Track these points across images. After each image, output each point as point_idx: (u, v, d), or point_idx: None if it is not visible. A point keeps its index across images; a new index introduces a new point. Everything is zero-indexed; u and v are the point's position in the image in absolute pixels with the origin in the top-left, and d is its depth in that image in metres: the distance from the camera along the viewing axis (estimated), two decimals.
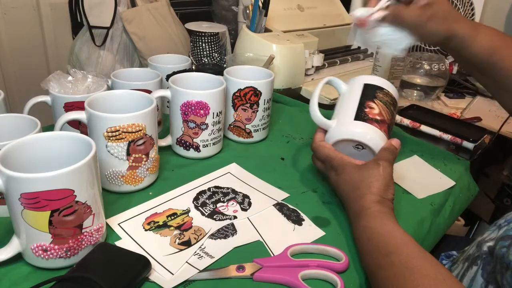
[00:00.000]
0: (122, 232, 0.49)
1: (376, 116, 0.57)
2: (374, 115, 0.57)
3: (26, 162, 0.43)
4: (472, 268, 0.47)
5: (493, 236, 0.46)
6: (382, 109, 0.58)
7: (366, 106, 0.58)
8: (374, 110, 0.58)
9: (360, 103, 0.58)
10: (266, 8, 0.96)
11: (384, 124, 0.57)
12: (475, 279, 0.45)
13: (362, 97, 0.59)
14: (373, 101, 0.58)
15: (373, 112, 0.57)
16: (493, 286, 0.43)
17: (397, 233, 0.45)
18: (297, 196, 0.58)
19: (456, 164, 0.69)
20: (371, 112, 0.57)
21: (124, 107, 0.55)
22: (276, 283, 0.43)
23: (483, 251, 0.46)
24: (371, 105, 0.58)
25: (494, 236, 0.45)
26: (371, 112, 0.57)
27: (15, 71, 1.00)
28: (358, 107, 0.58)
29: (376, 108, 0.58)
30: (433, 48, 1.29)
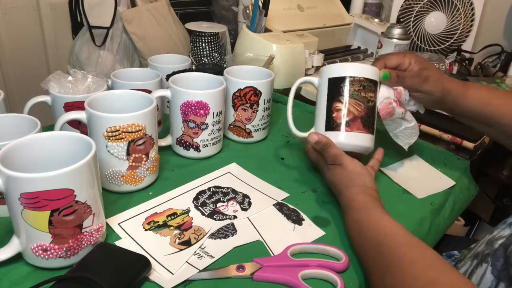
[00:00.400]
0: (122, 232, 0.49)
1: (345, 118, 0.57)
2: (342, 118, 0.57)
3: (26, 162, 0.43)
4: (482, 265, 0.47)
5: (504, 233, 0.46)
6: (350, 106, 0.56)
7: (334, 110, 0.57)
8: (341, 112, 0.57)
9: (328, 108, 0.58)
10: (266, 8, 0.96)
11: (356, 121, 0.56)
12: (485, 277, 0.46)
13: (329, 98, 0.58)
14: (339, 101, 0.57)
15: (342, 115, 0.57)
16: (504, 283, 0.43)
17: (385, 222, 0.46)
18: (297, 196, 0.58)
19: (456, 164, 0.69)
20: (338, 116, 0.57)
21: (124, 107, 0.55)
22: (276, 283, 0.43)
23: (494, 248, 0.46)
24: (337, 106, 0.57)
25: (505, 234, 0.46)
26: (338, 116, 0.57)
27: (15, 71, 1.00)
28: (326, 114, 0.58)
29: (343, 109, 0.57)
30: (433, 48, 1.29)
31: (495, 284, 0.44)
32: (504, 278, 0.43)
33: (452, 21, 1.27)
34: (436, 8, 1.27)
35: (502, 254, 0.44)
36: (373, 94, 0.58)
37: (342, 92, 0.57)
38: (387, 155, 0.69)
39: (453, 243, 0.71)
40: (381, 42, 0.94)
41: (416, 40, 1.29)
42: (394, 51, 0.92)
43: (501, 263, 0.44)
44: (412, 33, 1.28)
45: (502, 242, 0.45)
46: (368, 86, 0.58)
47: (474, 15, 1.27)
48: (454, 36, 1.27)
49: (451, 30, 1.27)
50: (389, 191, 0.61)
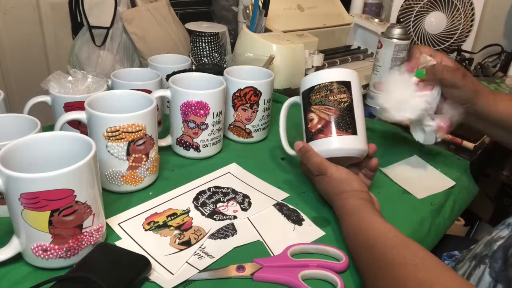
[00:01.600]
0: (122, 232, 0.49)
1: (318, 126, 0.56)
2: (315, 127, 0.57)
3: (26, 162, 0.43)
4: (480, 267, 0.47)
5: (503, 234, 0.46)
6: (321, 112, 0.56)
7: (308, 121, 0.58)
8: (313, 121, 0.57)
9: (304, 121, 0.59)
10: (266, 8, 0.96)
11: (328, 125, 0.56)
12: (483, 278, 0.45)
13: (303, 111, 0.59)
14: (310, 111, 0.57)
15: (314, 124, 0.57)
16: (502, 284, 0.43)
17: (376, 225, 0.46)
18: (297, 196, 0.58)
19: (456, 164, 0.69)
20: (312, 126, 0.57)
21: (124, 107, 0.55)
22: (276, 283, 0.43)
23: (493, 250, 0.46)
24: (310, 116, 0.57)
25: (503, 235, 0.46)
26: (312, 126, 0.57)
27: (15, 71, 1.00)
28: (304, 127, 0.59)
29: (315, 118, 0.57)
30: (433, 48, 1.29)
31: (493, 285, 0.44)
32: (502, 279, 0.43)
33: (452, 21, 1.27)
34: (436, 8, 1.27)
35: (501, 256, 0.44)
36: (345, 95, 0.57)
37: (312, 101, 0.58)
38: (387, 155, 0.69)
39: (453, 243, 0.71)
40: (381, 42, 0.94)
41: (416, 40, 1.29)
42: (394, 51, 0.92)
43: (499, 265, 0.44)
44: (412, 33, 1.28)
45: (500, 244, 0.45)
46: (337, 89, 0.57)
47: (474, 15, 1.27)
48: (454, 36, 1.27)
49: (451, 30, 1.27)
50: (389, 191, 0.61)
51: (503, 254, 0.44)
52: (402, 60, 0.98)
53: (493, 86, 1.06)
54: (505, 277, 0.43)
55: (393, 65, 0.97)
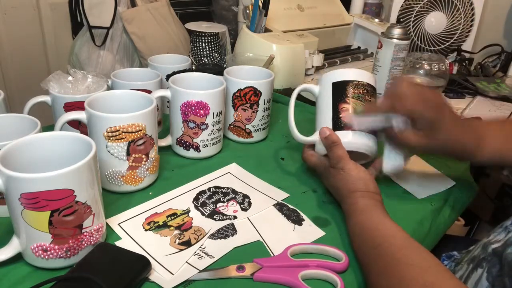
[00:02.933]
0: (122, 232, 0.49)
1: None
2: (349, 118, 0.57)
3: (26, 162, 0.43)
4: (477, 270, 0.47)
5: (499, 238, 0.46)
6: (357, 106, 0.57)
7: (340, 111, 0.57)
8: (348, 112, 0.57)
9: (334, 109, 0.58)
10: (266, 8, 0.96)
11: None
12: (480, 282, 0.45)
13: (334, 100, 0.58)
14: (345, 102, 0.57)
15: (348, 115, 0.57)
16: None
17: (385, 225, 0.46)
18: (297, 196, 0.58)
19: (456, 164, 0.69)
20: (346, 116, 0.57)
21: (124, 107, 0.55)
22: (276, 283, 0.43)
23: (489, 253, 0.45)
24: (344, 107, 0.57)
25: (500, 238, 0.45)
26: (346, 116, 0.57)
27: (15, 71, 1.00)
28: (333, 115, 0.57)
29: (350, 109, 0.57)
30: (433, 48, 1.29)
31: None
32: (499, 285, 0.43)
33: (452, 21, 1.26)
34: (436, 8, 1.27)
35: (498, 261, 0.44)
36: (375, 100, 0.59)
37: (348, 94, 0.58)
38: None
39: (453, 243, 0.70)
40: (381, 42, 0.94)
41: (416, 40, 1.29)
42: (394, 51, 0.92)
43: (496, 270, 0.44)
44: (412, 33, 1.28)
45: (496, 247, 0.45)
46: (371, 92, 0.59)
47: (474, 15, 1.27)
48: (454, 36, 1.27)
49: (451, 30, 1.27)
50: (389, 191, 0.60)
51: (499, 259, 0.44)
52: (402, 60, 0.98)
53: (493, 86, 1.06)
54: (501, 282, 0.43)
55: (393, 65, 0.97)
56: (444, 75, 1.00)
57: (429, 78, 1.01)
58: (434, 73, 1.00)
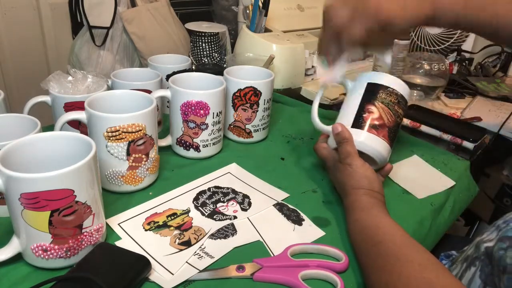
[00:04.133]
0: (122, 232, 0.49)
1: (375, 121, 0.56)
2: (372, 121, 0.56)
3: (26, 162, 0.43)
4: (471, 269, 0.47)
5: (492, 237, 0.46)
6: (382, 112, 0.57)
7: (366, 111, 0.57)
8: (373, 114, 0.57)
9: (360, 107, 0.57)
10: (266, 8, 0.96)
11: (384, 128, 0.56)
12: (473, 281, 0.45)
13: (363, 99, 0.58)
14: (373, 104, 0.57)
15: (372, 117, 0.56)
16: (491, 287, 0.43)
17: (385, 223, 0.47)
18: (297, 196, 0.58)
19: (456, 164, 0.69)
20: (369, 118, 0.56)
21: (124, 107, 0.55)
22: (276, 283, 0.43)
23: (481, 252, 0.46)
24: (371, 109, 0.57)
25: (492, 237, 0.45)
26: (369, 118, 0.56)
27: (15, 71, 1.00)
28: (357, 112, 0.57)
29: (375, 112, 0.57)
30: (433, 48, 1.29)
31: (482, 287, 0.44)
32: (491, 283, 0.43)
33: None
34: None
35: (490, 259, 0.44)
36: (403, 112, 0.59)
37: (379, 97, 0.57)
38: None
39: (453, 243, 0.70)
40: None
41: (416, 40, 1.29)
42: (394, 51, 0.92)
43: (489, 268, 0.44)
44: (412, 33, 1.28)
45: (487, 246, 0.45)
46: (402, 104, 0.59)
47: None
48: (454, 36, 1.27)
49: (451, 30, 1.27)
50: (389, 191, 0.60)
51: (490, 258, 0.44)
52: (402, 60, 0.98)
53: (493, 86, 1.06)
54: (492, 281, 0.43)
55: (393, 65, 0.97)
56: (444, 75, 1.00)
57: (429, 78, 1.01)
58: (434, 73, 1.00)
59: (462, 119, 0.90)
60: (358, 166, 0.53)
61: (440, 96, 1.02)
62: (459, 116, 0.91)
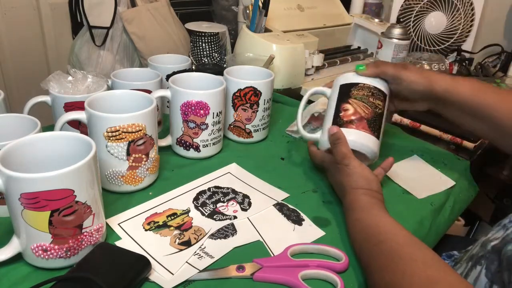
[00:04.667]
0: (122, 232, 0.49)
1: (351, 117, 0.58)
2: (348, 117, 0.58)
3: (26, 162, 0.43)
4: (476, 268, 0.47)
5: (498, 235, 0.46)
6: (357, 107, 0.58)
7: (341, 110, 0.59)
8: (348, 111, 0.58)
9: (336, 109, 0.59)
10: (266, 8, 0.96)
11: (362, 121, 0.57)
12: (479, 279, 0.45)
13: (338, 101, 0.60)
14: (347, 102, 0.59)
15: (348, 114, 0.58)
16: (497, 286, 0.43)
17: (386, 222, 0.47)
18: (297, 196, 0.58)
19: (456, 164, 0.69)
20: (346, 115, 0.58)
21: (124, 107, 0.55)
22: (276, 283, 0.43)
23: (488, 251, 0.46)
24: (345, 107, 0.59)
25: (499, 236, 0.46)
26: (346, 115, 0.58)
27: (15, 71, 1.00)
28: (334, 114, 0.59)
29: (350, 109, 0.58)
30: (433, 48, 1.29)
31: (488, 286, 0.44)
32: (498, 281, 0.43)
33: (452, 21, 1.27)
34: (436, 8, 1.27)
35: (496, 257, 0.44)
36: (381, 103, 0.60)
37: (351, 95, 0.59)
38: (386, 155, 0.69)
39: (453, 243, 0.70)
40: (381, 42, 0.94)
41: (416, 40, 1.29)
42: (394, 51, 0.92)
43: (495, 266, 0.44)
44: (412, 33, 1.28)
45: (494, 244, 0.45)
46: (377, 95, 0.60)
47: (474, 15, 1.27)
48: (454, 36, 1.27)
49: (451, 30, 1.27)
50: (389, 191, 0.60)
51: (497, 255, 0.44)
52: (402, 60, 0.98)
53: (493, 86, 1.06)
54: (500, 279, 0.43)
55: None
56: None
57: None
58: None
59: None
60: (355, 166, 0.54)
61: None
62: None
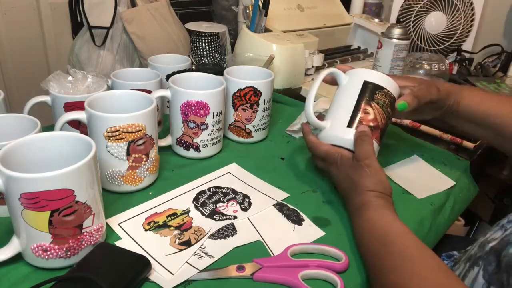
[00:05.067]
0: (122, 232, 0.49)
1: (370, 123, 0.56)
2: (368, 122, 0.56)
3: (26, 162, 0.43)
4: (474, 269, 0.47)
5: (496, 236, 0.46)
6: (377, 113, 0.57)
7: (362, 111, 0.56)
8: (369, 115, 0.56)
9: (356, 106, 0.57)
10: (266, 8, 0.96)
11: (377, 130, 0.56)
12: (477, 280, 0.45)
13: (360, 98, 0.57)
14: (369, 105, 0.57)
15: (368, 118, 0.56)
16: (495, 287, 0.43)
17: (397, 224, 0.47)
18: (297, 196, 0.58)
19: (456, 164, 0.69)
20: (365, 118, 0.56)
21: (124, 107, 0.55)
22: (276, 283, 0.43)
23: (486, 252, 0.46)
24: (367, 109, 0.57)
25: (497, 236, 0.46)
26: (365, 118, 0.56)
27: (15, 71, 1.00)
28: (353, 111, 0.57)
29: (371, 113, 0.56)
30: (433, 48, 1.29)
31: (486, 287, 0.44)
32: (495, 282, 0.43)
33: (452, 21, 1.26)
34: (436, 8, 1.27)
35: (494, 258, 0.44)
36: (391, 113, 0.59)
37: (375, 99, 0.57)
38: (387, 155, 0.69)
39: (453, 243, 0.70)
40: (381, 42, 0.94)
41: (416, 40, 1.29)
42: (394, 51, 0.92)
43: (493, 267, 0.44)
44: (412, 33, 1.28)
45: (493, 245, 0.45)
46: (392, 105, 0.58)
47: (474, 15, 1.27)
48: (454, 36, 1.27)
49: (451, 30, 1.27)
50: None
51: (496, 256, 0.44)
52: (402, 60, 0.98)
53: (493, 86, 1.06)
54: (498, 280, 0.43)
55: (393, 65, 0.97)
56: (444, 75, 1.00)
57: (429, 78, 1.01)
58: (434, 73, 1.00)
59: None
60: (377, 169, 0.52)
61: None
62: None
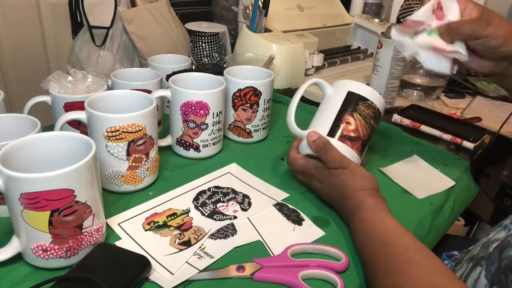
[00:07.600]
0: (122, 232, 0.49)
1: (351, 133, 0.56)
2: (348, 132, 0.56)
3: (26, 162, 0.43)
4: (476, 269, 0.47)
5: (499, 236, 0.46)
6: (359, 125, 0.56)
7: (343, 121, 0.56)
8: (350, 126, 0.56)
9: (338, 116, 0.56)
10: (266, 8, 0.96)
11: (358, 141, 0.56)
12: (479, 280, 0.45)
13: (342, 108, 0.57)
14: (351, 115, 0.56)
15: (349, 129, 0.56)
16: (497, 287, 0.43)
17: (394, 225, 0.46)
18: (297, 196, 0.58)
19: (456, 164, 0.69)
20: (346, 129, 0.56)
21: (124, 107, 0.55)
22: (276, 283, 0.43)
23: (489, 252, 0.46)
24: (349, 119, 0.56)
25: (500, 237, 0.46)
26: (346, 129, 0.56)
27: (15, 71, 1.00)
28: (334, 121, 0.56)
29: (352, 124, 0.56)
30: None
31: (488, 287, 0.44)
32: (498, 282, 0.43)
33: None
34: None
35: (497, 258, 0.44)
36: (375, 126, 0.59)
37: (358, 109, 0.57)
38: (387, 155, 0.69)
39: (453, 243, 0.71)
40: (381, 42, 0.94)
41: None
42: (394, 51, 0.92)
43: (495, 267, 0.44)
44: None
45: (496, 245, 0.45)
46: (377, 118, 0.58)
47: None
48: None
49: None
50: (389, 191, 0.60)
51: (498, 257, 0.44)
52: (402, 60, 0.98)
53: (493, 86, 1.06)
54: (500, 280, 0.43)
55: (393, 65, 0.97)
56: (444, 75, 1.00)
57: (429, 77, 1.01)
58: (434, 73, 1.00)
59: (462, 119, 0.90)
60: (356, 168, 0.53)
61: (440, 96, 1.02)
62: (459, 116, 0.91)
